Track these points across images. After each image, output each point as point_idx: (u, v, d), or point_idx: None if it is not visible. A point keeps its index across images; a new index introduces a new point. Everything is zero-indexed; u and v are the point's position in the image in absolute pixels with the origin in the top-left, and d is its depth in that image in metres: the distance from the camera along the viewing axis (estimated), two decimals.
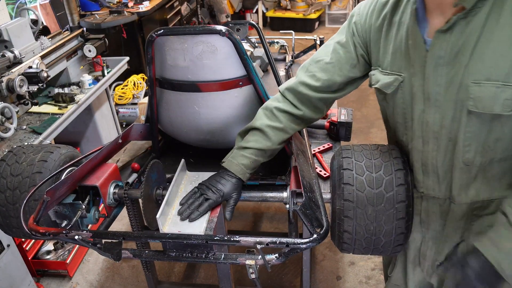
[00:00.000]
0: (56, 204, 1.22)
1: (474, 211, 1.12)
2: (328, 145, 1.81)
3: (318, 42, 2.78)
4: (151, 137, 1.63)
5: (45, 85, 2.61)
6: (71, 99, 2.68)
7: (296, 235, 1.32)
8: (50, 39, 2.92)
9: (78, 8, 3.59)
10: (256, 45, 2.85)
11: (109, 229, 1.32)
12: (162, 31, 1.27)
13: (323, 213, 1.09)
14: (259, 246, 1.02)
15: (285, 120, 1.27)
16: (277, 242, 1.02)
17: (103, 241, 1.13)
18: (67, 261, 2.47)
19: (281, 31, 3.44)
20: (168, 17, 4.91)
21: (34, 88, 2.45)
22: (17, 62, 2.45)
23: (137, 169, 1.51)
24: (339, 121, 1.81)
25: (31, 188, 1.25)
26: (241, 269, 2.27)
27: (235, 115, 1.44)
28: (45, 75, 2.44)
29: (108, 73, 3.19)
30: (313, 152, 1.76)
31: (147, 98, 1.55)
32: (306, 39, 3.11)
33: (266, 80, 2.48)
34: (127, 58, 3.45)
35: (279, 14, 7.04)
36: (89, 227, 1.36)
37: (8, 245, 2.03)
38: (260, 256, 1.07)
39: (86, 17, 3.84)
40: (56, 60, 2.85)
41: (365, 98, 4.57)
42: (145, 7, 4.25)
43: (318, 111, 1.30)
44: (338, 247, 1.25)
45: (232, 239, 1.04)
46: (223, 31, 1.23)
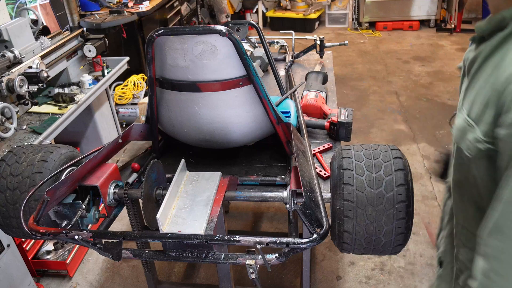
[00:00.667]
0: (56, 204, 1.22)
1: None
2: (328, 145, 1.81)
3: (318, 42, 2.78)
4: (151, 137, 1.63)
5: (45, 85, 2.61)
6: (71, 99, 2.68)
7: (296, 235, 1.32)
8: (50, 39, 2.92)
9: (78, 8, 3.58)
10: (256, 45, 2.85)
11: (109, 229, 1.33)
12: (162, 31, 1.27)
13: (323, 213, 1.09)
14: (259, 246, 1.02)
15: None
16: (277, 242, 1.02)
17: (103, 241, 1.13)
18: (67, 261, 2.47)
19: (281, 31, 3.43)
20: (168, 17, 4.91)
21: (34, 88, 2.45)
22: (17, 62, 2.45)
23: (137, 169, 1.51)
24: (339, 121, 1.81)
25: (31, 188, 1.25)
26: (241, 269, 2.27)
27: (235, 115, 1.44)
28: (45, 75, 2.44)
29: (108, 73, 3.19)
30: (313, 152, 1.76)
31: (147, 98, 1.55)
32: (306, 39, 3.11)
33: (266, 80, 2.48)
34: (127, 58, 3.45)
35: (279, 14, 7.04)
36: (89, 227, 1.36)
37: (8, 245, 2.03)
38: (260, 256, 1.07)
39: (86, 17, 3.84)
40: (56, 60, 2.85)
41: (365, 98, 4.56)
42: (145, 7, 4.25)
43: None
44: (338, 247, 1.25)
45: (232, 239, 1.04)
46: (223, 31, 1.23)
